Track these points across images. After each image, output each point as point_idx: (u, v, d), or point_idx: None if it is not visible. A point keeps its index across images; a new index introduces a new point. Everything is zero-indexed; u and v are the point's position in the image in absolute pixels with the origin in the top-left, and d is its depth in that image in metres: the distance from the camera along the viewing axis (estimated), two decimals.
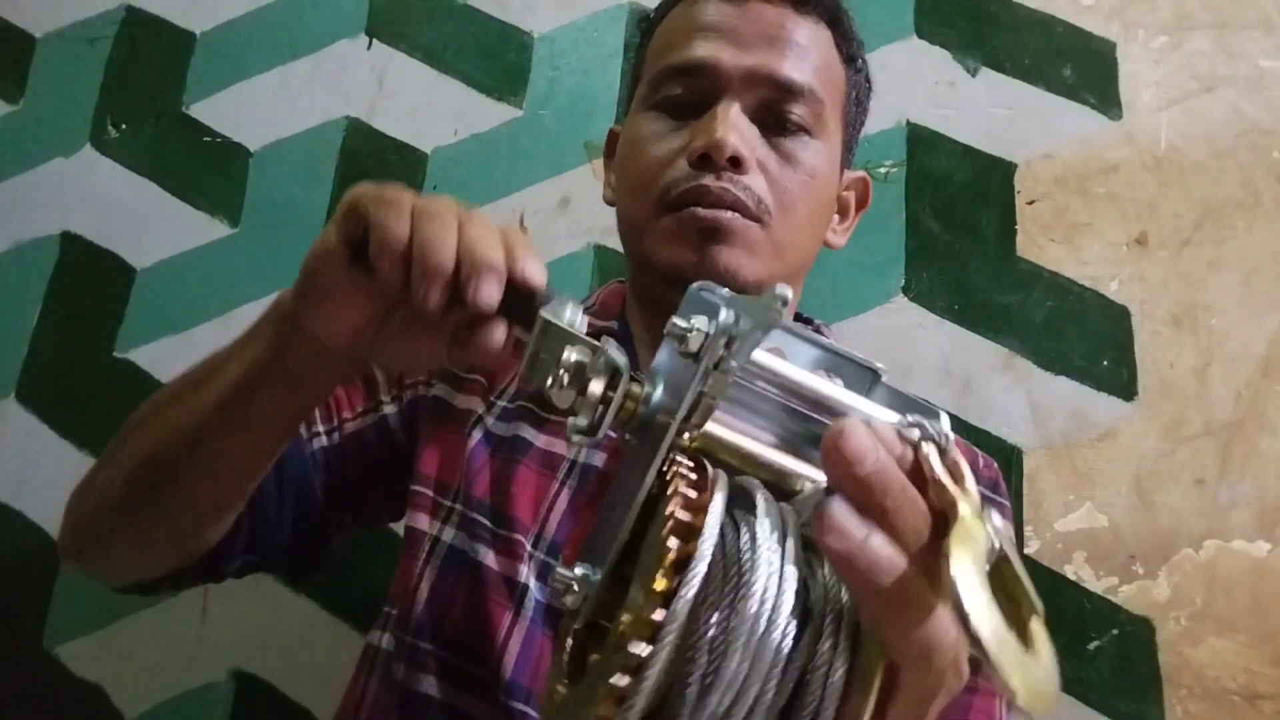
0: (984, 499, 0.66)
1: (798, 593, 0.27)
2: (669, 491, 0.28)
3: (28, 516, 0.91)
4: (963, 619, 0.24)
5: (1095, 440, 0.83)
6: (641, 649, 0.26)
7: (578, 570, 0.30)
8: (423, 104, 1.01)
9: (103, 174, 1.02)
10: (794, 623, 0.27)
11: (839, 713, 0.28)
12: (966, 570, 0.25)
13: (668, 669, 0.26)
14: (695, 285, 0.33)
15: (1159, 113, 0.92)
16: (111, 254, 0.99)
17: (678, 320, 0.29)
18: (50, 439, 0.93)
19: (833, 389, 0.30)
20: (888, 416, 0.30)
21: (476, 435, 0.63)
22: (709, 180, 0.60)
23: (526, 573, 0.57)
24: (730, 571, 0.27)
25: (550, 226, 0.96)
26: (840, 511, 0.27)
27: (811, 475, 0.31)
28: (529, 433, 0.63)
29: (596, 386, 0.32)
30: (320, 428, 0.65)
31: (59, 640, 0.87)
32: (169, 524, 0.54)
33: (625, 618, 0.27)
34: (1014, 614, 0.27)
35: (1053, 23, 0.96)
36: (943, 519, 0.27)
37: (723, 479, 0.29)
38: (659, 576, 0.26)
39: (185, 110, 1.04)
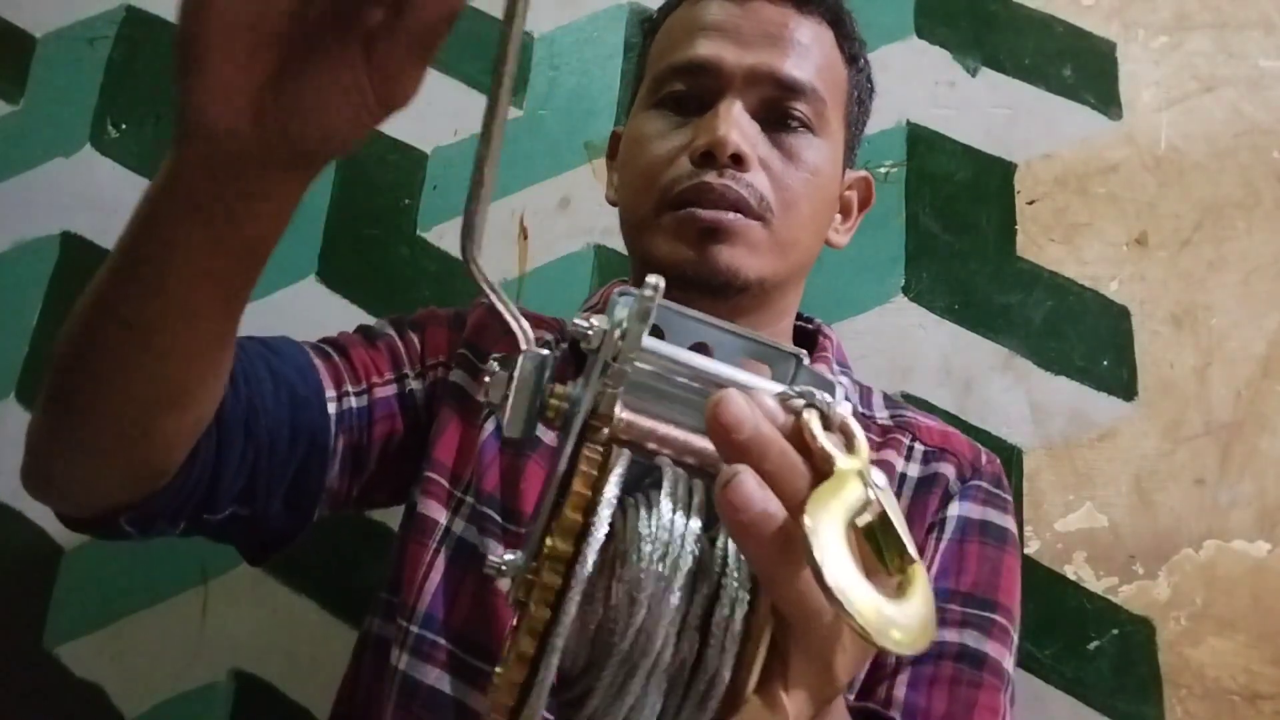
0: (986, 494, 0.66)
1: (697, 555, 0.29)
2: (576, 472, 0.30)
3: (28, 516, 0.91)
4: (815, 570, 0.26)
5: (1095, 440, 0.83)
6: (544, 612, 0.28)
7: (506, 555, 0.32)
8: (423, 104, 1.01)
9: (103, 174, 1.02)
10: (688, 580, 0.29)
11: (738, 665, 0.29)
12: (824, 525, 0.27)
13: (576, 633, 0.28)
14: (617, 290, 0.33)
15: (1159, 113, 0.92)
16: None
17: (577, 320, 0.31)
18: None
19: (724, 367, 0.32)
20: (775, 387, 0.32)
21: (489, 428, 0.63)
22: (711, 178, 0.60)
23: None
24: (629, 536, 0.29)
25: (550, 226, 0.96)
26: (746, 484, 0.28)
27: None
28: (540, 429, 0.63)
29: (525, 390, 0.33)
30: (350, 388, 0.63)
31: (59, 640, 0.87)
32: (103, 423, 0.45)
33: (533, 584, 0.29)
34: (890, 564, 0.29)
35: (1053, 23, 0.96)
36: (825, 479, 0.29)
37: (624, 457, 0.30)
38: (557, 542, 0.28)
39: None
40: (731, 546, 0.30)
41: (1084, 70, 0.94)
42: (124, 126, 1.04)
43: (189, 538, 0.57)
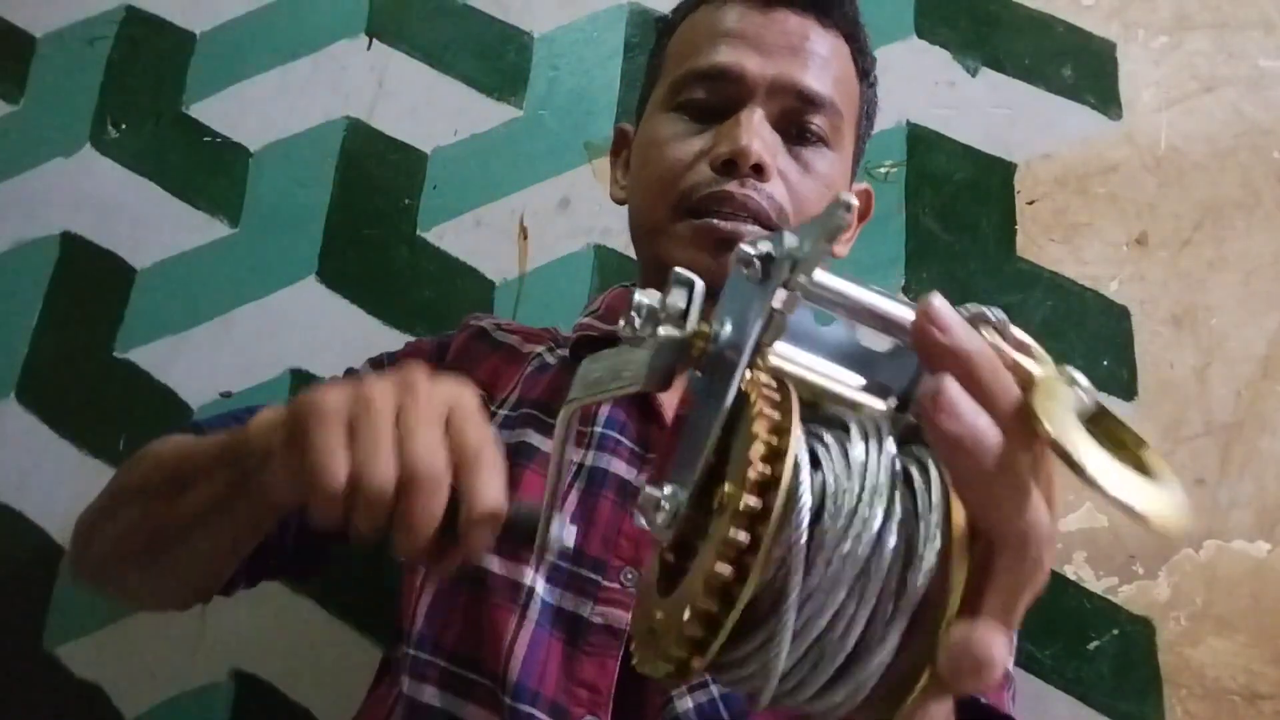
0: None
1: (892, 490, 0.27)
2: (754, 411, 0.27)
3: (28, 516, 0.91)
4: (1076, 468, 0.24)
5: None
6: (742, 536, 0.25)
7: (666, 489, 0.29)
8: (423, 104, 1.01)
9: (103, 174, 1.02)
10: (890, 523, 0.26)
11: (930, 592, 0.27)
12: (1060, 419, 0.25)
13: (766, 569, 0.26)
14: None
15: (1159, 113, 0.92)
16: (111, 254, 0.99)
17: (745, 247, 0.29)
18: (50, 439, 0.93)
19: (892, 303, 0.30)
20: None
21: None
22: (732, 186, 0.60)
23: (533, 575, 0.57)
24: (831, 497, 0.26)
25: (550, 226, 0.96)
26: (954, 390, 0.26)
27: (878, 408, 0.31)
28: (535, 438, 0.63)
29: (669, 329, 0.31)
30: None
31: (59, 640, 0.87)
32: (175, 581, 0.58)
33: (728, 492, 0.27)
34: (1126, 456, 0.27)
35: (1053, 23, 0.96)
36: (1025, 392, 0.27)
37: (795, 403, 0.28)
38: (746, 497, 0.26)
39: (185, 110, 1.04)
40: (926, 476, 0.27)
41: (1084, 70, 0.94)
42: (124, 126, 1.04)
43: None
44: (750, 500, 0.25)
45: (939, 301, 0.27)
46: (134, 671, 0.85)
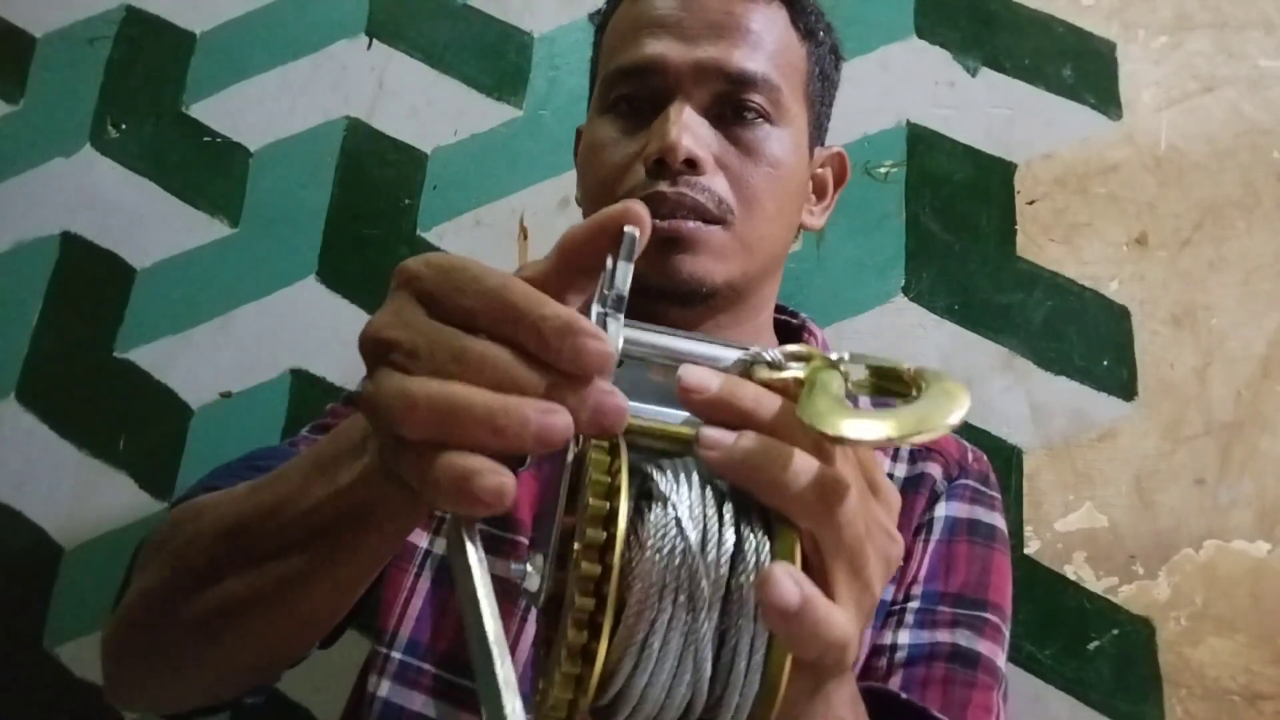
0: (974, 492, 0.66)
1: (716, 516, 0.30)
2: (587, 478, 0.30)
3: (28, 516, 0.91)
4: (823, 435, 0.27)
5: (1095, 440, 0.83)
6: (588, 601, 0.28)
7: (535, 558, 0.32)
8: (423, 104, 1.01)
9: (103, 174, 1.02)
10: (725, 538, 0.30)
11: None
12: (812, 405, 0.29)
13: (621, 591, 0.28)
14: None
15: (1159, 113, 0.92)
16: (111, 254, 0.99)
17: None
18: (50, 439, 0.93)
19: (688, 341, 0.34)
20: (739, 353, 0.34)
21: None
22: (665, 187, 0.58)
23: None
24: (646, 511, 0.30)
25: (550, 226, 0.96)
26: (708, 431, 0.30)
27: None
28: None
29: None
30: None
31: (59, 640, 0.87)
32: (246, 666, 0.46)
33: (563, 582, 0.29)
34: (905, 384, 0.32)
35: (1053, 23, 0.96)
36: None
37: (623, 444, 0.31)
38: (587, 530, 0.28)
39: (185, 110, 1.04)
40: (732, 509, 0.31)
41: (1084, 70, 0.94)
42: (124, 126, 1.04)
43: None
44: (595, 533, 0.28)
45: (684, 373, 0.31)
46: None
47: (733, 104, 0.60)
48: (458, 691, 0.56)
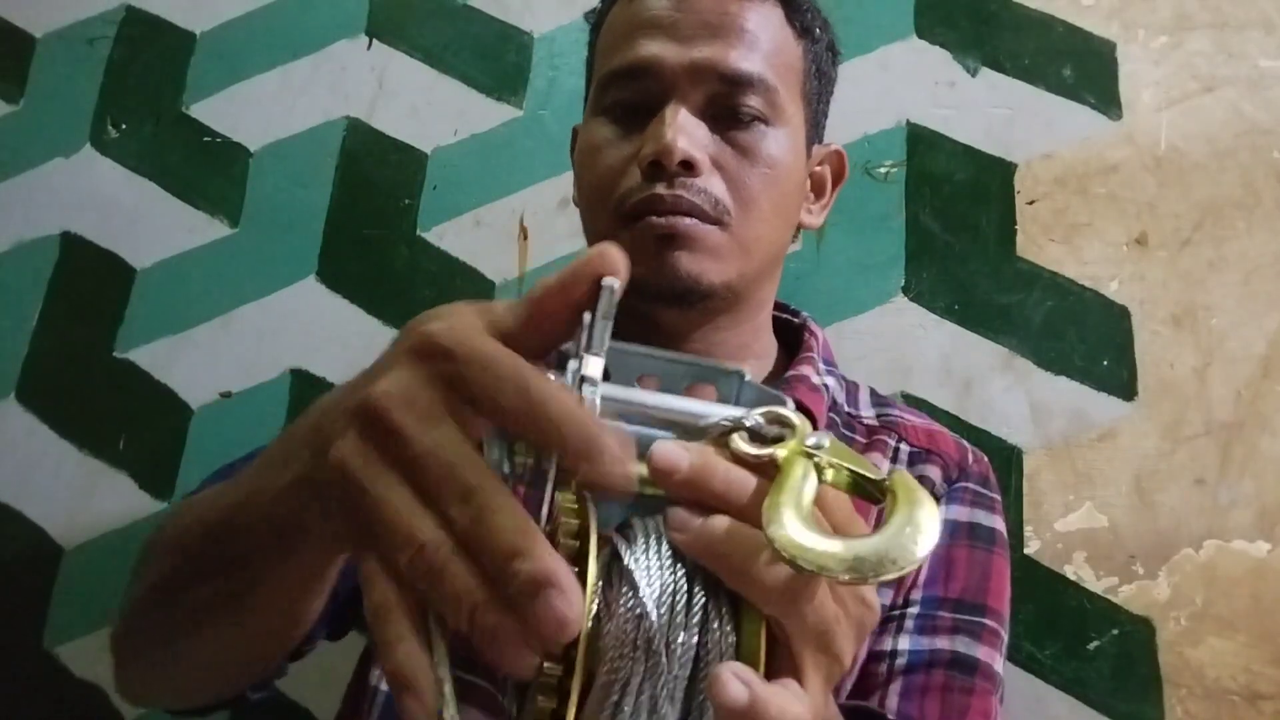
0: (974, 495, 0.66)
1: (680, 587, 0.30)
2: (556, 541, 0.29)
3: (28, 516, 0.91)
4: (772, 546, 0.27)
5: (1095, 440, 0.83)
6: (557, 668, 0.28)
7: None
8: (423, 104, 1.01)
9: (103, 174, 1.02)
10: (691, 623, 0.30)
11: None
12: (775, 509, 0.28)
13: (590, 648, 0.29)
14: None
15: (1159, 113, 0.92)
16: (111, 254, 0.99)
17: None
18: (50, 439, 0.93)
19: (671, 400, 0.33)
20: (722, 410, 0.33)
21: None
22: (661, 189, 0.57)
23: None
24: (615, 580, 0.30)
25: (550, 226, 0.96)
26: (677, 513, 0.30)
27: None
28: None
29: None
30: None
31: (59, 640, 0.87)
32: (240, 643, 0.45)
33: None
34: (873, 492, 0.31)
35: (1053, 23, 0.96)
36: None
37: (593, 506, 0.31)
38: None
39: (185, 110, 1.04)
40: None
41: (1084, 70, 0.94)
42: (124, 126, 1.04)
43: None
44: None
45: (655, 453, 0.30)
46: None
47: (729, 105, 0.60)
48: (460, 686, 0.56)
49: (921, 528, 0.28)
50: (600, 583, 0.29)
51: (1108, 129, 0.92)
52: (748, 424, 0.32)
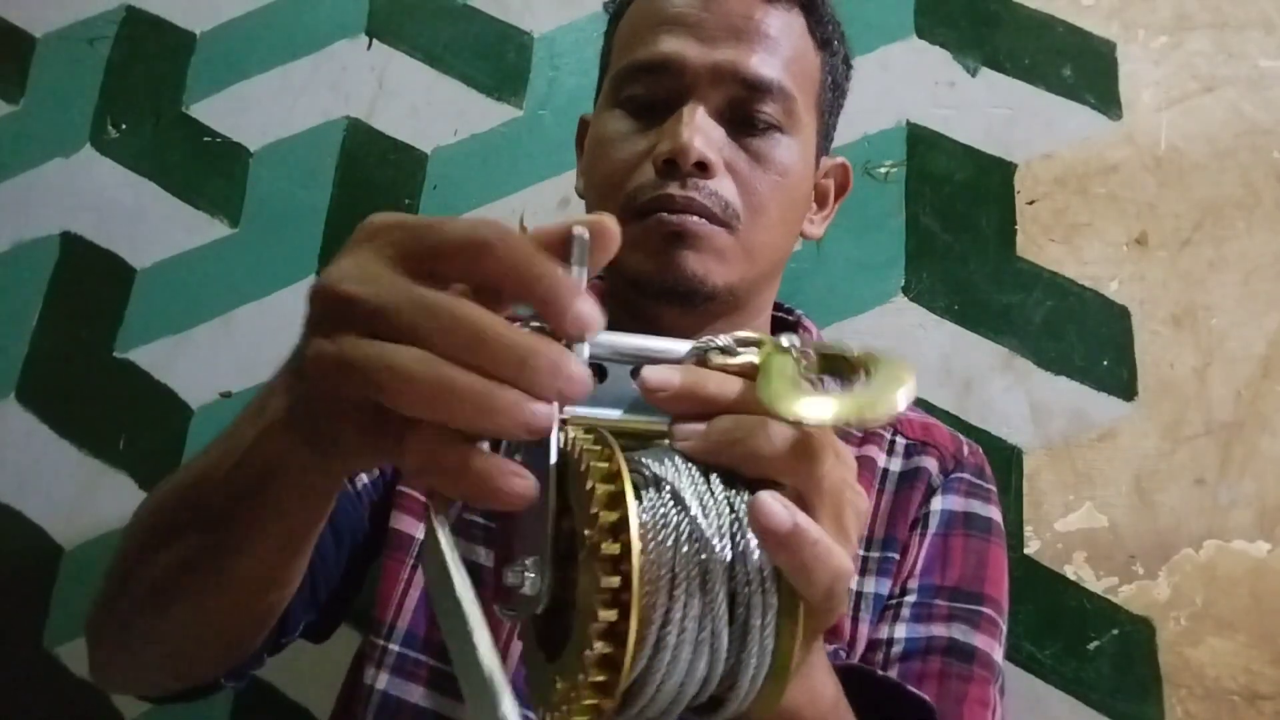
0: (969, 486, 0.66)
1: (708, 489, 0.31)
2: (581, 467, 0.29)
3: (27, 516, 0.91)
4: (775, 415, 0.30)
5: (1095, 440, 0.83)
6: (615, 580, 0.28)
7: (527, 562, 0.31)
8: (423, 104, 1.01)
9: (103, 174, 1.02)
10: (721, 506, 0.31)
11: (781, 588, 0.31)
12: (768, 385, 0.31)
13: (642, 601, 0.29)
14: None
15: (1159, 113, 0.92)
16: (111, 254, 0.99)
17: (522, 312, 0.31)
18: (50, 439, 0.93)
19: (641, 339, 0.35)
20: (696, 342, 0.35)
21: None
22: (674, 188, 0.58)
23: None
24: (646, 498, 0.30)
25: None
26: (680, 425, 0.32)
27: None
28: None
29: None
30: None
31: (59, 640, 0.87)
32: (210, 622, 0.45)
33: (589, 544, 0.29)
34: (853, 366, 0.34)
35: (1053, 23, 0.96)
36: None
37: (615, 442, 0.31)
38: (602, 543, 0.28)
39: (185, 110, 1.04)
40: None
41: (1084, 70, 0.94)
42: (124, 126, 1.04)
43: None
44: (611, 547, 0.28)
45: (646, 374, 0.32)
46: None
47: (746, 110, 0.60)
48: (456, 683, 0.56)
49: (901, 380, 0.31)
50: (644, 504, 0.30)
51: (1108, 129, 0.92)
52: (719, 343, 0.34)
